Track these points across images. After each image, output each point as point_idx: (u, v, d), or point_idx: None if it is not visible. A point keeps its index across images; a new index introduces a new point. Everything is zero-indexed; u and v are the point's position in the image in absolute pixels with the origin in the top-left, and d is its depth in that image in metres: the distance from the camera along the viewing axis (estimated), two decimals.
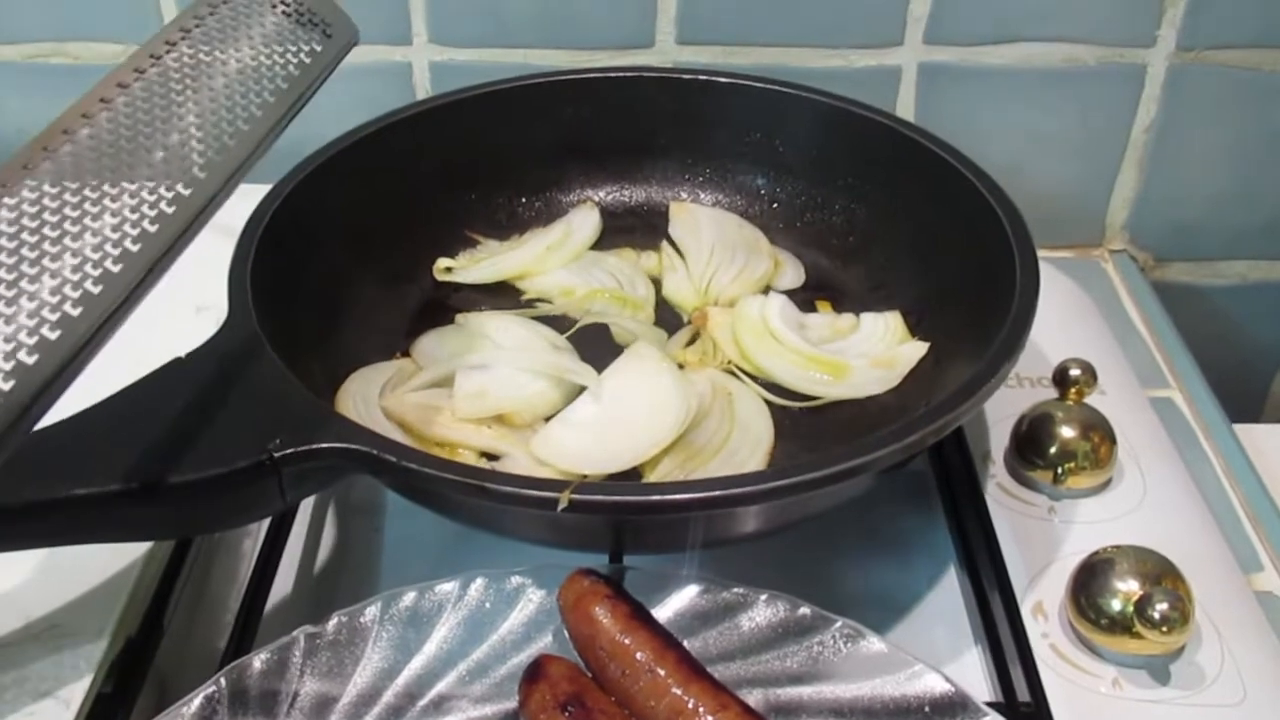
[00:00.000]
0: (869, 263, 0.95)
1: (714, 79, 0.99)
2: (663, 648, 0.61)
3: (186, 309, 0.91)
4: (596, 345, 0.88)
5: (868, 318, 0.90)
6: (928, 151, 0.89)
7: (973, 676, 0.74)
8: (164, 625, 0.74)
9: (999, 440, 0.89)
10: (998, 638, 0.73)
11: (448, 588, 0.67)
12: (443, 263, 0.96)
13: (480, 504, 0.64)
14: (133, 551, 0.76)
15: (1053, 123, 1.11)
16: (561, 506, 0.62)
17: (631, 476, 0.76)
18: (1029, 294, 0.75)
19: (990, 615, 0.74)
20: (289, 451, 0.64)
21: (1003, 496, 0.84)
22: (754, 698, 0.62)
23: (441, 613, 0.66)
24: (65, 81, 1.12)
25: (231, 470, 0.62)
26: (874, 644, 0.63)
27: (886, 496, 0.86)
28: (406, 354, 0.88)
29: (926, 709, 0.61)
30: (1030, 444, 0.85)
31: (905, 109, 1.10)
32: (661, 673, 0.60)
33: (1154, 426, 0.91)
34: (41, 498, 0.60)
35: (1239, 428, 0.95)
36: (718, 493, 0.62)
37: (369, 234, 0.91)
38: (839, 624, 0.64)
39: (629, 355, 0.83)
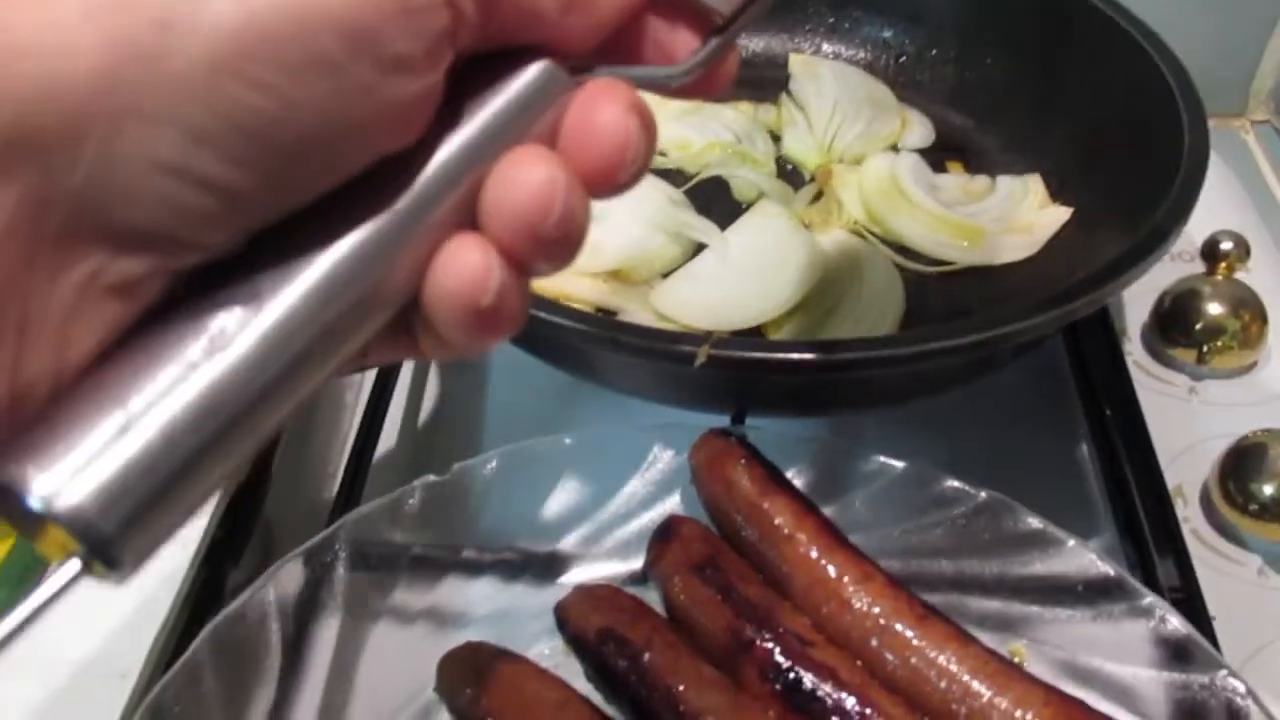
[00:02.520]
0: (1006, 122, 0.89)
1: None
2: (802, 513, 0.58)
3: None
4: (716, 201, 0.84)
5: (1004, 180, 0.84)
6: (1081, 2, 0.82)
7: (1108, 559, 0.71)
8: (272, 473, 0.72)
9: (1135, 316, 0.84)
10: (1138, 522, 0.69)
11: (572, 443, 0.64)
12: None
13: (608, 357, 0.61)
14: None
15: None
16: (699, 362, 0.58)
17: (754, 337, 0.73)
18: (1197, 162, 0.69)
19: (1130, 499, 0.70)
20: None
21: (1140, 375, 0.80)
22: (892, 569, 0.59)
23: (565, 469, 0.64)
24: None
25: None
26: (1025, 520, 0.60)
27: (1013, 369, 0.82)
28: None
29: (1079, 589, 0.58)
30: (1173, 320, 0.80)
31: None
32: (801, 538, 0.57)
33: None
34: None
35: None
36: (866, 354, 0.59)
37: None
38: (984, 496, 0.61)
39: (754, 211, 0.79)
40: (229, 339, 0.29)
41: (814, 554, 0.56)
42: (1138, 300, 0.84)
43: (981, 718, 0.51)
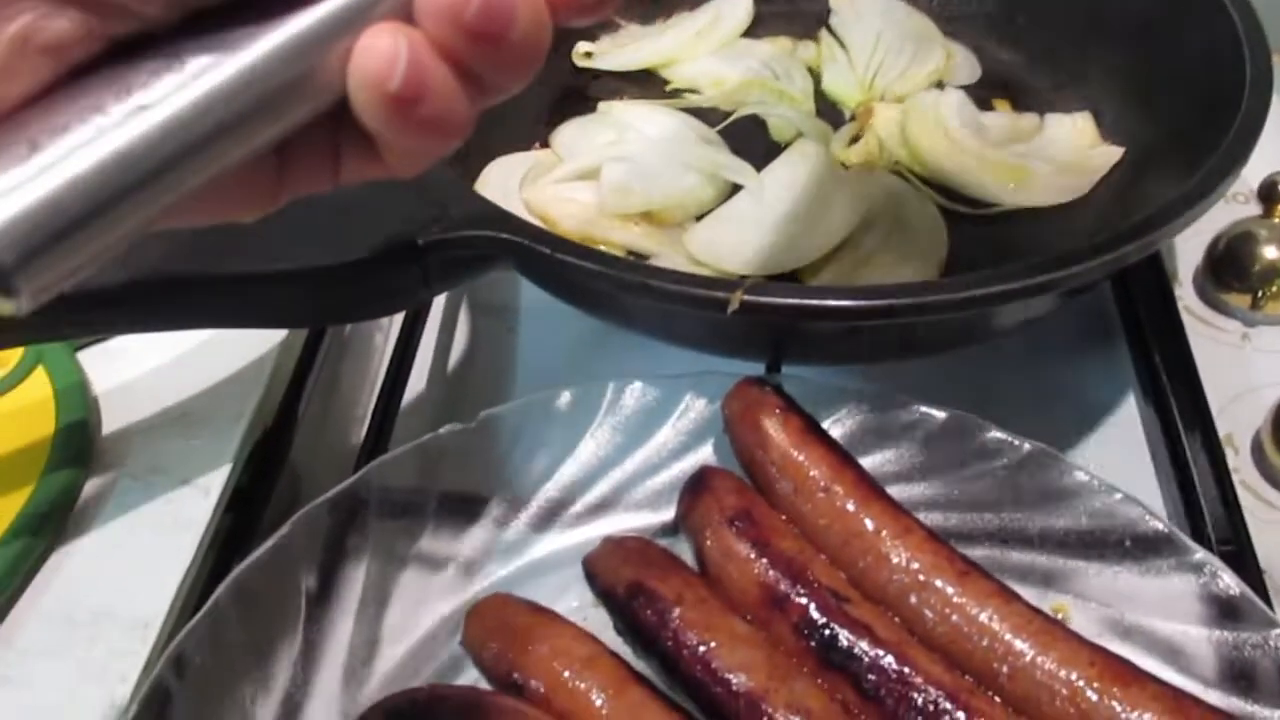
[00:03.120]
0: (1056, 58, 0.85)
1: None
2: (839, 465, 0.56)
3: None
4: (751, 140, 0.81)
5: (1053, 119, 0.81)
6: None
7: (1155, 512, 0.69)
8: (298, 417, 0.71)
9: (1187, 260, 0.81)
10: (1188, 473, 0.67)
11: (602, 391, 0.62)
12: (582, 47, 0.88)
13: (640, 302, 0.59)
14: (265, 343, 0.72)
15: None
16: (733, 308, 0.56)
17: (791, 282, 0.71)
18: (1259, 100, 0.66)
19: (1180, 449, 0.68)
20: (436, 238, 0.59)
21: (1191, 321, 0.77)
22: (932, 522, 0.57)
23: (595, 416, 0.62)
24: None
25: (378, 255, 0.58)
26: (1069, 471, 0.57)
27: (1060, 314, 0.79)
28: (546, 145, 0.82)
29: (1126, 543, 0.56)
30: (1228, 264, 0.77)
31: None
32: (838, 491, 0.55)
33: None
34: (196, 273, 0.57)
35: None
36: (908, 300, 0.56)
37: None
38: (1028, 448, 0.59)
39: (792, 151, 0.76)
40: (151, 101, 0.30)
41: (851, 507, 0.54)
42: (1190, 243, 0.81)
43: (1024, 677, 0.49)
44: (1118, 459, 0.72)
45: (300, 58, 0.32)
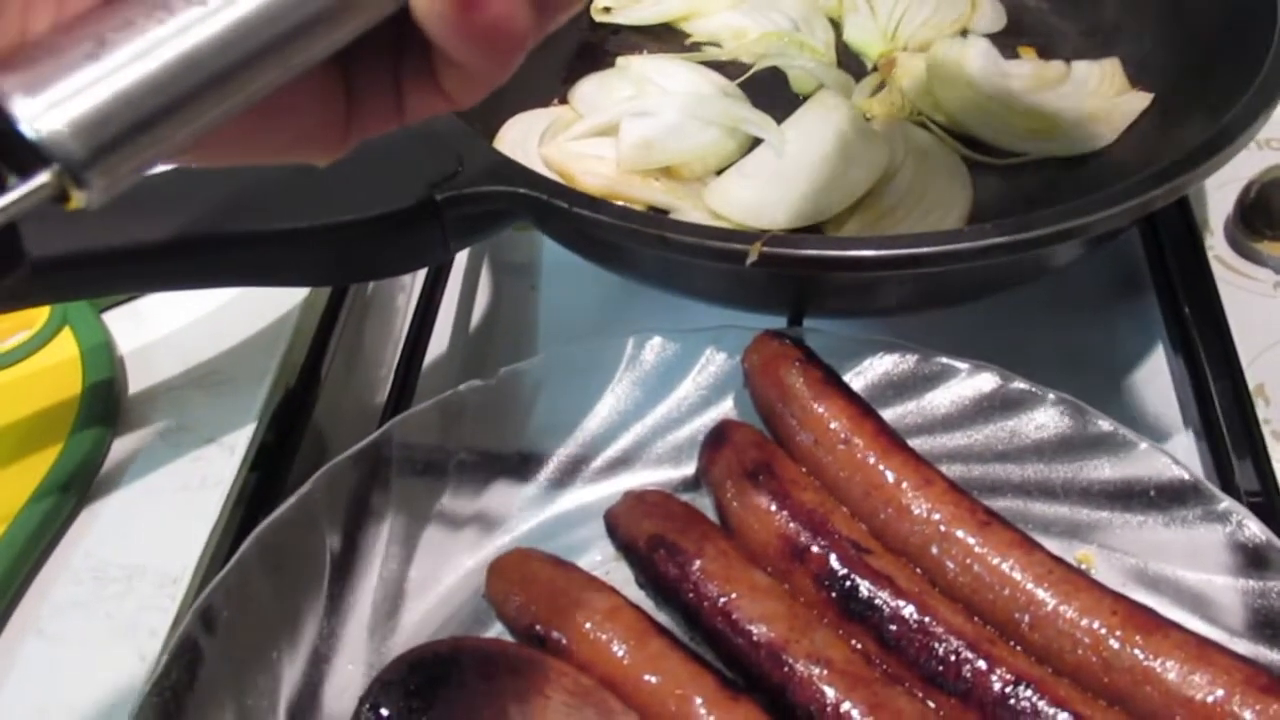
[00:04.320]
0: (1082, 3, 0.83)
1: None
2: (859, 416, 0.56)
3: None
4: (772, 93, 0.80)
5: (1080, 65, 0.80)
6: None
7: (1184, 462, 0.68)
8: (321, 376, 0.72)
9: (1218, 208, 0.79)
10: (1216, 423, 0.66)
11: (621, 346, 0.62)
12: (601, 1, 0.87)
13: (658, 256, 0.59)
14: (288, 302, 0.73)
15: None
16: (751, 260, 0.56)
17: (812, 234, 0.70)
18: None
19: (1208, 399, 0.67)
20: (453, 194, 0.59)
21: (1221, 270, 0.75)
22: (953, 474, 0.57)
23: (615, 372, 0.62)
24: None
25: (396, 211, 0.58)
26: (1094, 421, 0.57)
27: (1087, 263, 0.78)
28: (564, 101, 0.81)
29: (1152, 494, 0.55)
30: (1260, 212, 0.75)
31: None
32: (859, 443, 0.55)
33: None
34: (223, 232, 0.58)
35: None
36: (930, 249, 0.56)
37: None
38: (1052, 398, 0.58)
39: (813, 103, 0.75)
40: (218, 3, 0.30)
41: (871, 459, 0.54)
42: (1221, 190, 0.79)
43: (1046, 626, 0.49)
44: (1147, 409, 0.71)
45: None
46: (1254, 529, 0.53)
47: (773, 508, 0.54)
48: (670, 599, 0.53)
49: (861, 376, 0.60)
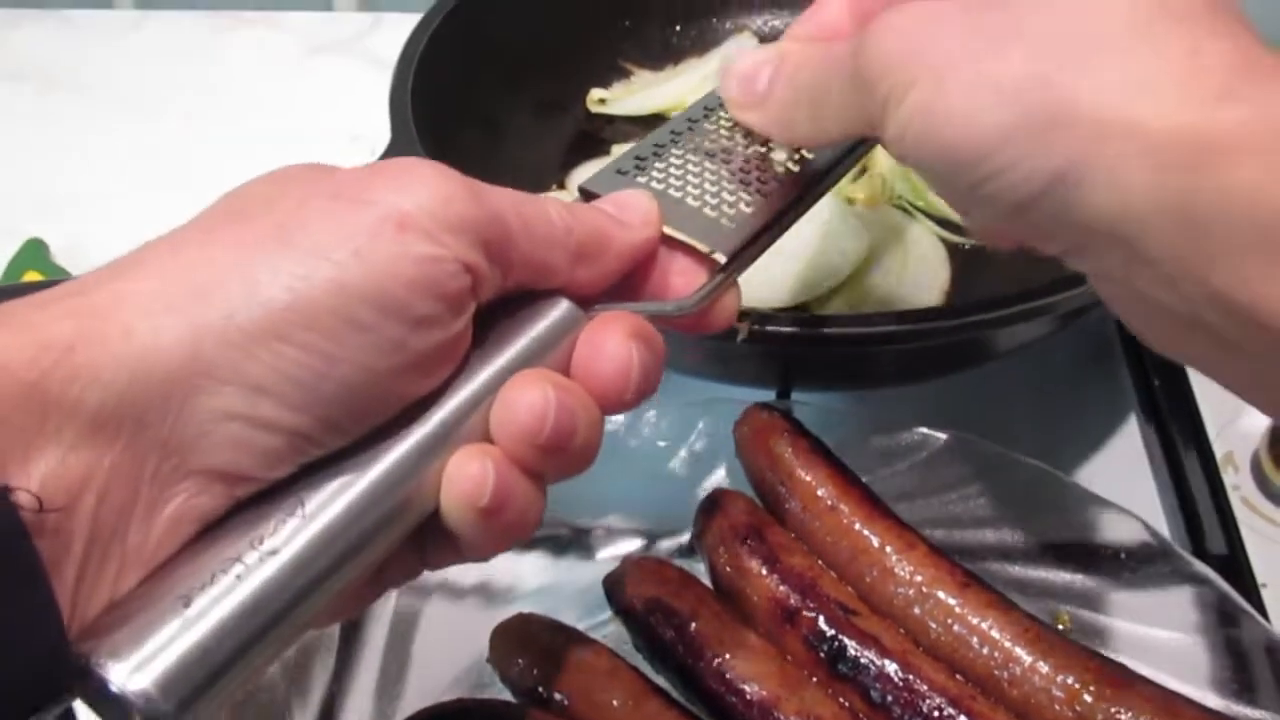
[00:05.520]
0: None
1: None
2: (845, 484, 0.58)
3: (341, 138, 0.90)
4: None
5: None
6: None
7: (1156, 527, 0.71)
8: None
9: None
10: (1187, 488, 0.69)
11: (618, 420, 0.65)
12: (596, 93, 0.92)
13: None
14: None
15: None
16: (741, 337, 0.59)
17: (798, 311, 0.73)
18: None
19: (1179, 465, 0.70)
20: None
21: None
22: (935, 538, 0.60)
23: (612, 445, 0.64)
24: None
25: None
26: (1067, 487, 0.60)
27: (1061, 337, 0.82)
28: (562, 186, 0.85)
29: (1122, 556, 0.58)
30: None
31: None
32: (844, 509, 0.57)
33: None
34: None
35: None
36: (908, 326, 0.59)
37: (522, 62, 0.87)
38: (1028, 466, 0.61)
39: None
40: (278, 546, 0.34)
41: (857, 524, 0.57)
42: None
43: (1024, 683, 0.51)
44: (1119, 476, 0.74)
45: (401, 485, 0.36)
46: (1222, 589, 0.56)
47: (764, 571, 0.56)
48: (666, 659, 0.55)
49: (846, 446, 0.63)
